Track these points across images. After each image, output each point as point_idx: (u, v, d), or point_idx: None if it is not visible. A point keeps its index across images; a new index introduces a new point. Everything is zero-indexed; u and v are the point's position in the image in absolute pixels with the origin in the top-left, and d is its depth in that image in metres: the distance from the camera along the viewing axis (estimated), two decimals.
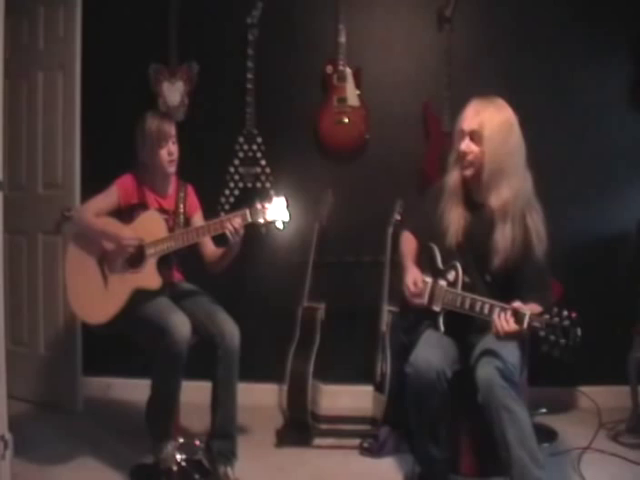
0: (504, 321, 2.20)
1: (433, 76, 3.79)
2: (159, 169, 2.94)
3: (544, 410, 3.47)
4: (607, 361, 3.55)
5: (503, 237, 2.42)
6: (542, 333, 2.08)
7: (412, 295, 2.55)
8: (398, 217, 3.54)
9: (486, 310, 2.30)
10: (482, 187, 2.49)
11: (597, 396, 3.49)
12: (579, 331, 2.02)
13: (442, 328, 2.49)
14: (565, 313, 2.05)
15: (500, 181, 2.44)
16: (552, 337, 2.05)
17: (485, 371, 2.29)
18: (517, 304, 2.20)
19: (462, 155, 2.50)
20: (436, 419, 2.42)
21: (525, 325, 2.14)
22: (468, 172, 2.51)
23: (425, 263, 2.66)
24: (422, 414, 2.43)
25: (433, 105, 3.78)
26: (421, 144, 3.82)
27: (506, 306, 2.22)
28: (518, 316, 2.17)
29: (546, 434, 3.25)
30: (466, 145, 2.47)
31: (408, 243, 2.78)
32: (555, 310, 2.07)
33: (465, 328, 2.48)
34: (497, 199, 2.45)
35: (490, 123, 2.42)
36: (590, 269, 3.75)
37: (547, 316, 2.08)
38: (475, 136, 2.45)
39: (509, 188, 2.43)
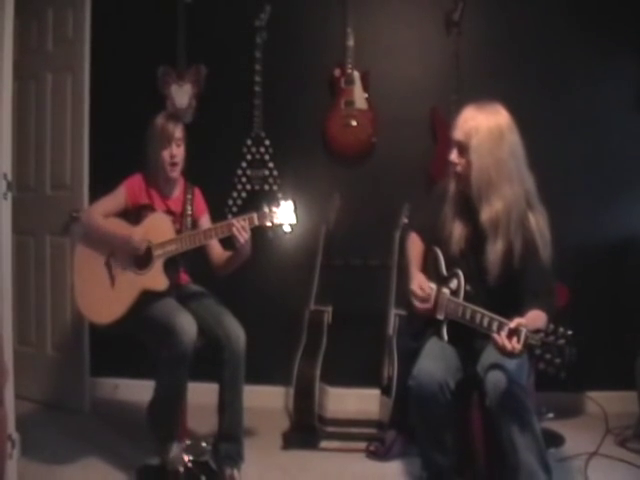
0: (507, 341, 2.14)
1: (441, 80, 3.78)
2: (161, 170, 2.93)
3: (551, 415, 3.47)
4: (614, 366, 3.54)
5: (494, 253, 2.36)
6: (538, 351, 2.07)
7: (419, 299, 2.51)
8: (406, 221, 3.51)
9: (485, 323, 2.27)
10: (474, 199, 2.43)
11: (604, 401, 3.47)
12: (574, 350, 2.02)
13: (445, 337, 2.47)
14: (561, 331, 2.04)
15: (490, 193, 2.35)
16: (547, 356, 2.04)
17: (493, 376, 2.27)
18: (516, 321, 2.14)
19: (451, 166, 2.44)
20: (440, 429, 2.41)
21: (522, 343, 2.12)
22: (458, 185, 2.46)
23: (430, 267, 2.64)
24: (426, 425, 2.42)
25: (441, 109, 3.78)
26: (429, 148, 3.81)
27: (505, 321, 2.18)
28: (517, 335, 2.12)
29: (553, 439, 3.24)
30: (453, 156, 2.42)
31: (414, 246, 2.74)
32: (551, 328, 2.06)
33: (471, 333, 2.44)
34: (488, 212, 2.36)
35: (477, 133, 2.33)
36: (598, 273, 3.74)
37: (542, 334, 2.07)
38: (461, 147, 2.38)
39: (500, 199, 2.34)
